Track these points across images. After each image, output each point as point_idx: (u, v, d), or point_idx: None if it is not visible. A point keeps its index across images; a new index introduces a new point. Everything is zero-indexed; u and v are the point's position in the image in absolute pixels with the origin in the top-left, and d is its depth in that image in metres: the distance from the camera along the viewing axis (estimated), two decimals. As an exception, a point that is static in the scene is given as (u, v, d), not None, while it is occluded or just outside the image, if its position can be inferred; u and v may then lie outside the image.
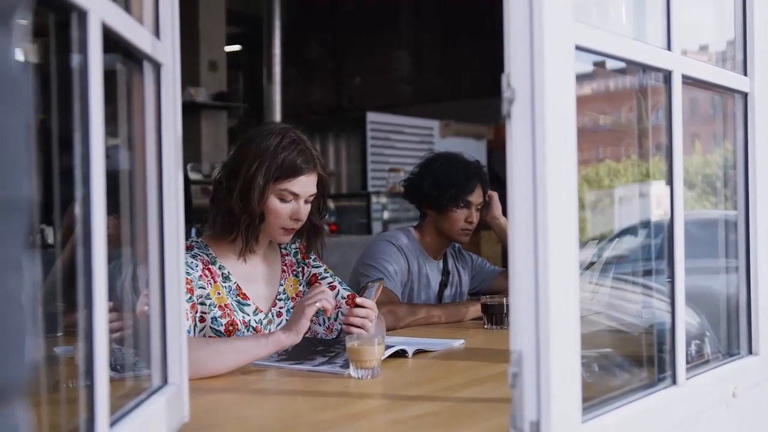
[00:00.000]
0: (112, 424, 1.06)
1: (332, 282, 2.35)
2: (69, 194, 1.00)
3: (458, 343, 2.32)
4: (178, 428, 1.35)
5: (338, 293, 2.33)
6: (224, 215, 2.17)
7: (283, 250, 2.36)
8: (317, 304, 1.98)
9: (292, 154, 2.14)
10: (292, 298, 2.32)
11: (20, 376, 0.57)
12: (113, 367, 1.18)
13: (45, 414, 1.16)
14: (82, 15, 0.97)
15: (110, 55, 1.07)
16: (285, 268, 2.34)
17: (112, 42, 1.08)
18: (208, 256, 2.19)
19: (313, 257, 2.39)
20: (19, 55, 0.60)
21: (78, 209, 0.98)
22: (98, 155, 0.99)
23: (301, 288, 2.35)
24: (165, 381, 1.34)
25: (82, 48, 0.97)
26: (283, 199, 2.16)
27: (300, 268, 2.37)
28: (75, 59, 0.98)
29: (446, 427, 1.47)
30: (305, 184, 2.18)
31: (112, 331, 1.09)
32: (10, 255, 0.55)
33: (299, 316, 1.97)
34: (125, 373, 1.38)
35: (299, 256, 2.38)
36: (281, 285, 2.31)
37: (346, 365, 1.89)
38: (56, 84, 1.00)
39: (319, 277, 2.36)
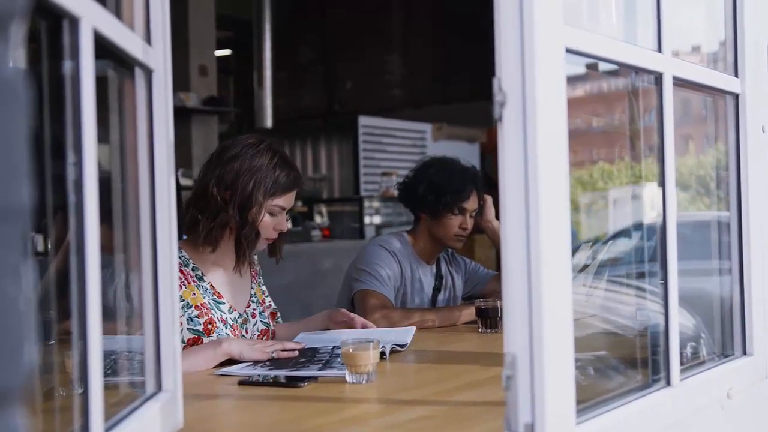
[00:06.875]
0: (107, 431, 1.05)
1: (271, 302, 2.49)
2: (60, 201, 0.99)
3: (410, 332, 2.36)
4: (172, 435, 1.35)
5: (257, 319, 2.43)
6: (219, 228, 2.23)
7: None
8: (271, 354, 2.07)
9: (284, 172, 2.25)
10: (261, 302, 2.43)
11: (19, 382, 0.57)
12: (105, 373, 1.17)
13: (39, 421, 1.16)
14: (74, 22, 0.96)
15: (101, 61, 1.07)
16: (254, 274, 2.45)
17: (103, 48, 1.08)
18: (180, 258, 2.22)
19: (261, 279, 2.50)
20: (17, 63, 0.60)
21: (71, 216, 0.97)
22: (91, 162, 0.98)
23: (264, 296, 2.48)
24: (159, 388, 1.34)
25: (73, 54, 0.97)
26: (272, 214, 2.26)
27: (260, 279, 2.49)
28: (66, 65, 0.98)
29: (442, 430, 1.47)
30: (293, 199, 2.31)
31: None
32: (10, 261, 0.55)
33: (249, 348, 2.06)
34: (117, 378, 1.37)
35: (259, 268, 2.50)
36: (252, 289, 2.41)
37: (344, 368, 1.87)
38: (47, 90, 1.00)
39: (265, 296, 2.48)
